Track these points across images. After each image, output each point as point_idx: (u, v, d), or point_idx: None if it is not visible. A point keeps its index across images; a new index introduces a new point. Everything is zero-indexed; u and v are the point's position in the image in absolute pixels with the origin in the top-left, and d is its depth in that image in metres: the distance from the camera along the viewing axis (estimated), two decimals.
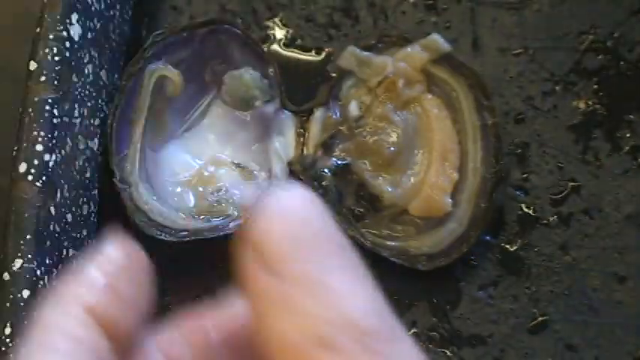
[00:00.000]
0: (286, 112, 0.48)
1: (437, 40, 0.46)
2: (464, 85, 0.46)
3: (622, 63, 0.49)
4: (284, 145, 0.48)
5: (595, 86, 0.49)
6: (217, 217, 0.46)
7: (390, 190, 0.46)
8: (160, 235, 0.45)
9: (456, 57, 0.46)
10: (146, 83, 0.47)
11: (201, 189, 0.47)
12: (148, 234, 0.45)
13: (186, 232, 0.45)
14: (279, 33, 0.51)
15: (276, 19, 0.51)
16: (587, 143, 0.48)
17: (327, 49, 0.50)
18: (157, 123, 0.48)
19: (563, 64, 0.49)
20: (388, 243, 0.46)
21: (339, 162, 0.46)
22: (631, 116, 0.48)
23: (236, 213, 0.46)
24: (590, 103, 0.48)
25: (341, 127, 0.47)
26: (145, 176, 0.47)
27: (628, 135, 0.48)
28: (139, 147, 0.47)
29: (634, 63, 0.49)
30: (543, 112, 0.49)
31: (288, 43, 0.51)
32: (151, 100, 0.47)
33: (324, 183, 0.46)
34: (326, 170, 0.46)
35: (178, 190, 0.48)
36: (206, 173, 0.48)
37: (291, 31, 0.51)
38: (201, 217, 0.47)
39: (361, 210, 0.46)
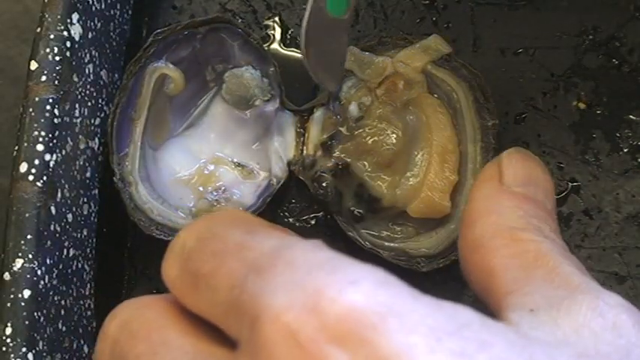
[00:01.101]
0: (286, 111, 0.48)
1: (437, 41, 0.46)
2: (464, 87, 0.46)
3: (622, 63, 0.49)
4: (284, 144, 0.48)
5: (595, 86, 0.49)
6: None
7: (389, 191, 0.46)
8: (160, 234, 0.45)
9: (456, 58, 0.46)
10: (147, 82, 0.47)
11: (201, 188, 0.47)
12: (147, 233, 0.45)
13: None
14: (279, 33, 0.51)
15: (276, 19, 0.51)
16: (587, 143, 0.48)
17: None
18: (158, 121, 0.48)
19: (563, 64, 0.49)
20: (387, 244, 0.46)
21: (339, 163, 0.46)
22: (631, 116, 0.48)
23: None
24: (590, 103, 0.48)
25: (340, 128, 0.47)
26: (145, 175, 0.47)
27: (628, 135, 0.48)
28: (139, 146, 0.47)
29: (634, 63, 0.49)
30: (543, 112, 0.49)
31: (288, 43, 0.51)
32: (151, 98, 0.47)
33: (323, 184, 0.46)
34: (325, 171, 0.46)
35: (178, 188, 0.48)
36: (206, 172, 0.48)
37: (291, 30, 0.51)
38: (200, 214, 0.47)
39: (360, 211, 0.46)
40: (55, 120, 0.41)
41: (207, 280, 0.29)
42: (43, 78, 0.42)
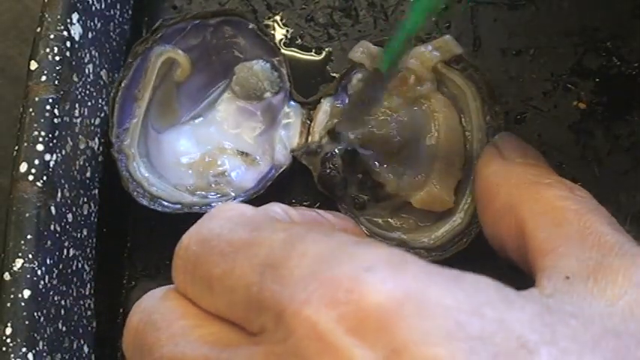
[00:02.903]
0: (294, 103, 0.48)
1: (449, 41, 0.46)
2: (472, 88, 0.46)
3: (622, 63, 0.49)
4: (289, 133, 0.48)
5: (595, 86, 0.49)
6: (214, 195, 0.47)
7: (393, 179, 0.46)
8: (154, 205, 0.45)
9: (466, 59, 0.46)
10: (152, 63, 0.47)
11: (201, 169, 0.48)
12: (141, 204, 0.45)
13: (179, 206, 0.45)
14: (279, 32, 0.51)
15: (277, 18, 0.51)
16: (587, 143, 0.48)
17: (327, 49, 0.51)
18: (164, 106, 0.48)
19: (563, 64, 0.49)
20: (388, 234, 0.46)
21: (347, 147, 0.46)
22: (631, 116, 0.48)
23: (233, 194, 0.47)
24: (590, 103, 0.48)
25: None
26: (144, 151, 0.47)
27: (628, 135, 0.48)
28: (141, 123, 0.47)
29: (634, 63, 0.49)
30: (543, 112, 0.49)
31: (288, 43, 0.51)
32: (158, 81, 0.48)
33: (333, 164, 0.46)
34: (335, 152, 0.46)
35: (179, 170, 0.48)
36: (209, 159, 0.48)
37: (291, 30, 0.51)
38: (198, 192, 0.47)
39: (363, 198, 0.46)
40: (55, 120, 0.41)
41: (221, 283, 0.29)
42: (43, 78, 0.42)
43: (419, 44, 0.47)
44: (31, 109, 0.41)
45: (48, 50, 0.42)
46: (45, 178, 0.40)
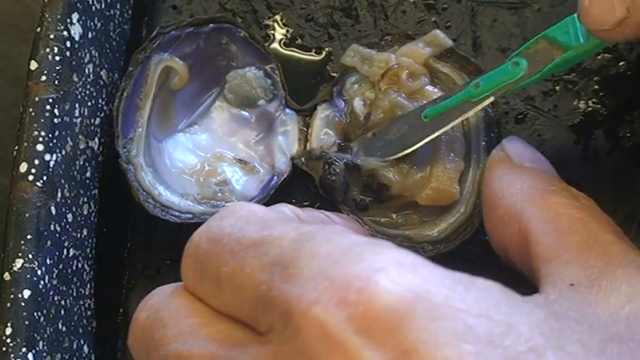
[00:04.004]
0: (289, 110, 0.48)
1: (439, 35, 0.47)
2: (466, 79, 0.46)
3: (622, 63, 0.49)
4: (287, 141, 0.48)
5: (595, 86, 0.49)
6: (222, 204, 0.47)
7: (400, 179, 0.46)
8: (165, 215, 0.45)
9: (458, 51, 0.47)
10: (152, 72, 0.47)
11: (202, 179, 0.48)
12: (152, 214, 0.45)
13: (190, 215, 0.45)
14: (279, 32, 0.51)
15: (277, 18, 0.51)
16: (587, 143, 0.48)
17: (327, 49, 0.51)
18: (162, 114, 0.48)
19: None
20: (392, 231, 0.46)
21: (353, 160, 0.46)
22: (631, 116, 0.48)
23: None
24: (590, 103, 0.48)
25: (352, 127, 0.47)
26: (150, 162, 0.47)
27: (628, 135, 0.48)
28: (145, 133, 0.47)
29: (634, 63, 0.49)
30: (543, 112, 0.49)
31: (288, 43, 0.51)
32: (156, 90, 0.48)
33: (335, 169, 0.46)
34: (337, 158, 0.46)
35: (181, 180, 0.48)
36: (208, 167, 0.48)
37: (291, 30, 0.51)
38: (204, 200, 0.47)
39: (367, 199, 0.46)
40: (55, 120, 0.41)
41: (230, 281, 0.29)
42: (43, 78, 0.42)
43: (408, 42, 0.47)
44: (31, 109, 0.41)
45: (48, 50, 0.42)
46: (45, 178, 0.41)
